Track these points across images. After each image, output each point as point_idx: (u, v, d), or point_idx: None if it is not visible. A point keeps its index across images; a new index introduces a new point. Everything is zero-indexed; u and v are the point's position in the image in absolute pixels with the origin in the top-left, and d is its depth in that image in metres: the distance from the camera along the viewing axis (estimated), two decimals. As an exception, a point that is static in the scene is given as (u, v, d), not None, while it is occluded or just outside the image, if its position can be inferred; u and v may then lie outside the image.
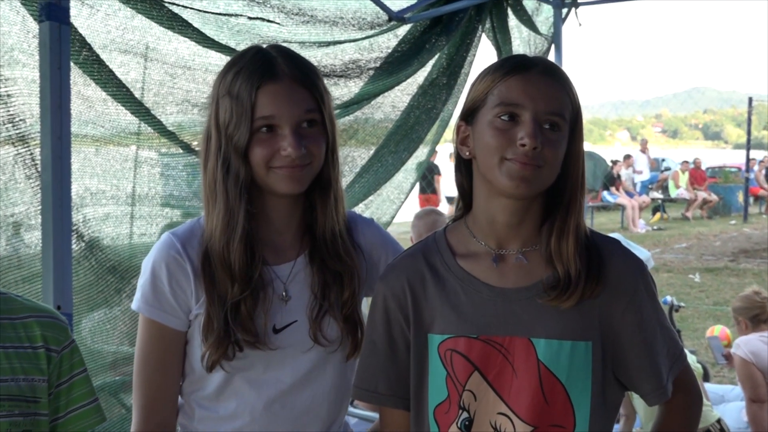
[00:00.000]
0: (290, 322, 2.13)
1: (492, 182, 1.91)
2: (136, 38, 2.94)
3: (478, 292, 1.96)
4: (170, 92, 3.14)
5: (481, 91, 1.93)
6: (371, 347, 2.06)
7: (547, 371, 1.90)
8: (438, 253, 2.04)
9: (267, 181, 2.06)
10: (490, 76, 1.92)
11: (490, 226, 1.98)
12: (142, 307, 2.12)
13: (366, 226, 2.30)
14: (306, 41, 3.61)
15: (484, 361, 1.92)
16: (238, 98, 2.02)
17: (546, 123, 1.87)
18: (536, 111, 1.86)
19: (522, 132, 1.85)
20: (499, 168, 1.88)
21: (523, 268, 1.96)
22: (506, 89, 1.89)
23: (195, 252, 2.11)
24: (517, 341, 1.92)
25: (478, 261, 1.99)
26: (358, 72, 3.92)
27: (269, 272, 2.13)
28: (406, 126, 4.46)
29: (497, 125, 1.88)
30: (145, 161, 3.22)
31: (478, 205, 2.01)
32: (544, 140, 1.86)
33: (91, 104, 2.88)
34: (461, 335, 1.94)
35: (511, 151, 1.86)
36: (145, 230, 3.25)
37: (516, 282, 1.96)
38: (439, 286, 2.00)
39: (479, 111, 1.93)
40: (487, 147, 1.90)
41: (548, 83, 1.90)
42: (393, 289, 2.04)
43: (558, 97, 1.90)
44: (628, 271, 1.94)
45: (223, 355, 2.06)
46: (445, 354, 1.96)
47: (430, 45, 4.30)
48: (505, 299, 1.94)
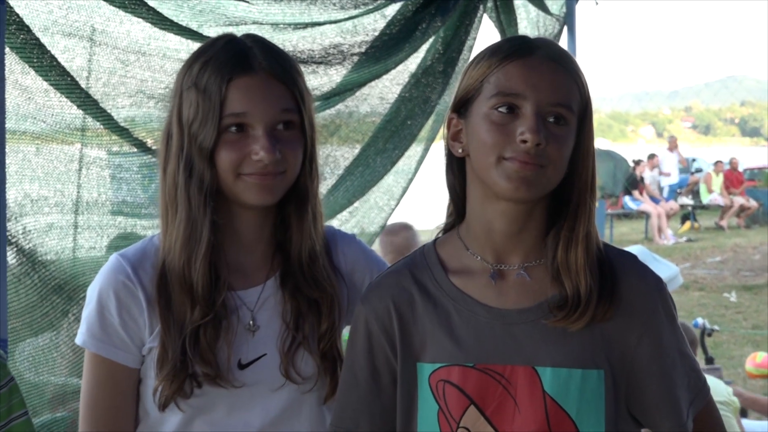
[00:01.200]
0: (258, 356, 2.12)
1: (488, 184, 1.90)
2: (82, 19, 2.93)
3: (474, 314, 1.96)
4: (122, 82, 3.14)
5: (475, 78, 1.91)
6: (351, 380, 2.05)
7: (554, 404, 1.89)
8: (427, 269, 2.03)
9: (234, 190, 2.05)
10: (485, 61, 1.91)
11: (487, 236, 1.97)
12: (88, 342, 2.11)
13: (346, 243, 2.29)
14: (280, 23, 3.60)
15: (482, 393, 1.92)
16: (205, 91, 2.01)
17: (550, 115, 1.87)
18: (539, 102, 1.85)
19: (522, 126, 1.84)
20: (496, 168, 1.87)
21: (526, 285, 1.96)
22: (504, 76, 1.87)
23: (148, 276, 2.10)
24: (519, 370, 1.91)
25: (474, 278, 1.98)
26: (341, 58, 3.92)
27: (233, 298, 2.12)
28: (397, 121, 4.46)
29: (494, 118, 1.87)
30: (93, 162, 3.21)
31: (472, 210, 2.00)
32: (548, 135, 1.85)
33: (31, 95, 2.87)
34: (455, 364, 1.94)
35: (510, 148, 1.85)
36: (95, 243, 3.24)
37: (517, 302, 1.95)
38: (430, 308, 1.99)
39: (473, 102, 1.92)
40: (482, 144, 1.88)
41: (553, 69, 1.89)
42: (376, 311, 2.02)
43: (564, 85, 1.89)
44: (644, 290, 1.94)
45: (178, 391, 2.04)
46: (436, 386, 1.95)
47: (423, 27, 4.30)
48: (505, 322, 1.94)
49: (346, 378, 2.07)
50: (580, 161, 1.95)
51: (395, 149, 4.48)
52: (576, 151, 1.93)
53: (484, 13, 4.81)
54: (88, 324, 2.11)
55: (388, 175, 4.55)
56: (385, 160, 4.46)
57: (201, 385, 2.06)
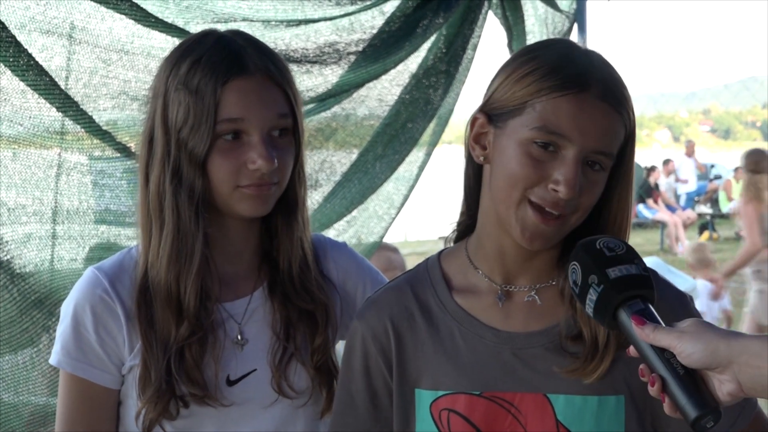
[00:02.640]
0: (248, 372, 2.11)
1: (502, 219, 1.87)
2: (61, 16, 2.92)
3: (481, 337, 1.94)
4: (103, 82, 3.13)
5: (519, 96, 1.84)
6: (348, 400, 2.03)
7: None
8: (430, 287, 2.01)
9: (228, 201, 2.04)
10: (536, 83, 1.84)
11: (498, 257, 1.94)
12: (63, 361, 2.10)
13: (337, 252, 2.28)
14: (271, 20, 3.59)
15: (490, 423, 1.90)
16: (197, 94, 1.99)
17: (590, 160, 1.82)
18: (584, 148, 1.81)
19: (559, 172, 1.80)
20: (516, 208, 1.83)
21: (535, 308, 1.94)
22: (553, 111, 1.81)
23: (126, 290, 2.09)
24: (529, 398, 1.90)
25: (479, 297, 1.97)
26: (336, 57, 3.91)
27: (219, 311, 2.11)
28: (397, 124, 4.45)
29: (531, 151, 1.82)
30: (73, 168, 3.19)
31: (483, 226, 1.97)
32: (584, 183, 1.81)
33: (7, 97, 2.85)
34: (460, 392, 1.92)
35: (538, 191, 1.81)
36: (76, 254, 3.22)
37: (526, 325, 1.94)
38: (432, 330, 1.97)
39: (511, 118, 1.85)
40: (509, 173, 1.84)
41: (606, 113, 1.83)
42: (373, 330, 2.01)
43: (613, 131, 1.84)
44: (667, 306, 1.91)
45: (163, 413, 2.03)
46: (440, 415, 1.93)
47: (424, 24, 4.29)
48: (513, 347, 1.92)
49: (342, 398, 2.05)
50: (615, 203, 1.92)
51: (395, 154, 4.47)
52: (611, 191, 1.90)
53: (489, 10, 4.81)
54: (63, 342, 2.09)
55: (387, 182, 4.54)
56: (384, 166, 4.44)
57: (188, 405, 2.05)
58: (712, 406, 1.56)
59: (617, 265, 1.69)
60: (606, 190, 1.90)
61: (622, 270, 1.68)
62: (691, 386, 1.57)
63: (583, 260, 1.71)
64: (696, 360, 1.55)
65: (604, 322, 1.69)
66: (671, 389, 1.58)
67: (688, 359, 1.56)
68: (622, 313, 1.67)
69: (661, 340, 1.59)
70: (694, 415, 1.55)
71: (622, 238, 1.89)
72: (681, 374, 1.58)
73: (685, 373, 1.58)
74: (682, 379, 1.58)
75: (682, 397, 1.57)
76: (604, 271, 1.68)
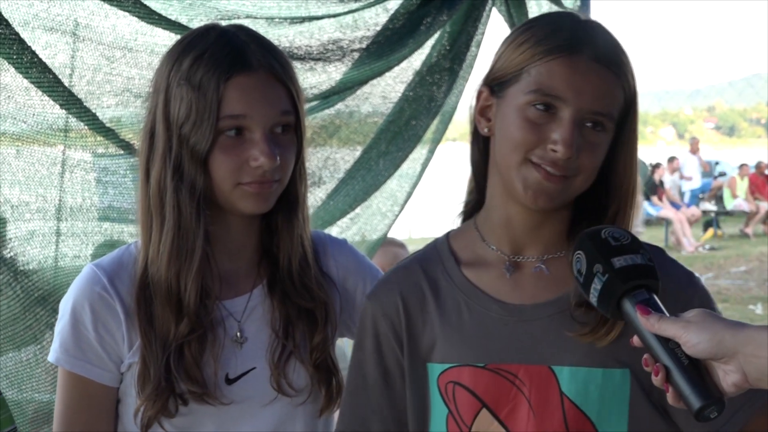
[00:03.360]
0: (247, 370, 2.11)
1: (506, 181, 1.89)
2: (65, 13, 2.92)
3: (487, 309, 1.95)
4: (107, 79, 3.12)
5: (516, 63, 1.88)
6: (360, 381, 2.04)
7: (572, 407, 1.88)
8: (439, 263, 2.03)
9: (230, 198, 2.04)
10: (530, 48, 1.87)
11: (506, 227, 1.96)
12: (62, 359, 2.10)
13: (337, 249, 2.28)
14: (275, 17, 3.59)
15: (494, 395, 1.91)
16: (200, 89, 1.98)
17: (588, 121, 1.85)
18: (579, 108, 1.83)
19: (557, 133, 1.83)
20: (518, 169, 1.86)
21: (543, 278, 1.95)
22: (547, 73, 1.85)
23: (126, 287, 2.09)
24: (533, 370, 1.90)
25: (488, 270, 1.97)
26: (340, 55, 3.91)
27: (219, 308, 2.11)
28: (400, 121, 4.44)
29: (529, 115, 1.85)
30: (77, 165, 3.19)
31: (492, 198, 1.99)
32: (581, 144, 1.83)
33: (11, 94, 2.86)
34: (465, 364, 1.93)
35: (538, 152, 1.84)
36: (79, 251, 3.22)
37: (534, 296, 1.94)
38: (440, 304, 1.99)
39: (510, 86, 1.89)
40: (510, 138, 1.87)
41: (601, 74, 1.85)
42: (384, 308, 2.02)
43: (609, 92, 1.86)
44: (676, 283, 1.91)
45: (162, 410, 2.03)
46: (446, 388, 1.94)
47: (428, 21, 4.29)
48: (519, 318, 1.93)
49: (353, 379, 2.06)
50: (620, 167, 1.94)
51: (399, 151, 4.46)
52: (615, 156, 1.92)
53: (493, 7, 4.81)
54: (62, 339, 2.09)
55: (391, 179, 4.53)
56: (388, 163, 4.44)
57: (187, 403, 2.05)
58: (716, 397, 1.56)
59: (622, 255, 1.69)
60: (611, 156, 1.92)
61: (627, 260, 1.69)
62: (695, 376, 1.57)
63: (588, 249, 1.72)
64: (701, 350, 1.55)
65: (608, 311, 1.69)
66: (675, 379, 1.58)
67: (693, 349, 1.56)
68: (627, 302, 1.67)
69: (666, 329, 1.59)
70: (698, 405, 1.56)
71: (629, 206, 1.93)
72: (685, 364, 1.58)
73: (690, 363, 1.58)
74: (687, 369, 1.58)
75: (686, 387, 1.57)
76: (610, 260, 1.69)
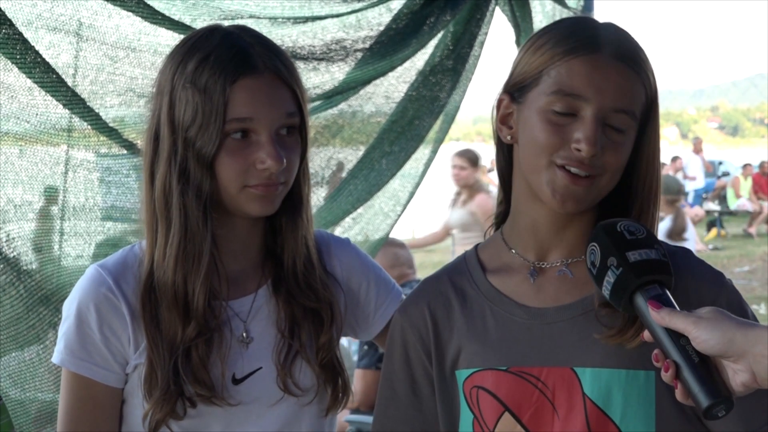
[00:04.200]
0: (253, 370, 2.11)
1: (533, 186, 1.89)
2: (68, 13, 2.92)
3: (510, 314, 1.95)
4: (110, 79, 3.13)
5: (535, 66, 1.88)
6: (389, 393, 2.05)
7: (595, 409, 1.86)
8: (466, 272, 2.04)
9: (236, 201, 2.03)
10: (548, 51, 1.87)
11: (531, 232, 1.96)
12: (66, 360, 2.09)
13: (341, 249, 2.28)
14: (278, 17, 3.59)
15: (516, 399, 1.90)
16: (205, 92, 1.98)
17: (611, 120, 1.84)
18: (601, 107, 1.83)
19: (580, 132, 1.82)
20: (545, 172, 1.85)
21: (567, 282, 1.95)
22: (567, 73, 1.85)
23: (131, 288, 2.08)
24: (556, 372, 1.89)
25: (512, 275, 1.98)
26: (343, 54, 3.91)
27: (225, 309, 2.11)
28: (403, 121, 4.44)
29: (550, 117, 1.85)
30: (80, 164, 3.20)
31: (517, 203, 1.99)
32: (605, 143, 1.83)
33: (14, 94, 2.86)
34: (487, 368, 1.93)
35: (562, 153, 1.84)
36: (82, 251, 3.22)
37: (557, 299, 1.94)
38: (466, 311, 1.99)
39: (530, 90, 1.89)
40: (533, 142, 1.87)
41: (621, 71, 1.85)
42: (411, 319, 2.04)
43: (631, 89, 1.86)
44: (704, 284, 1.91)
45: (170, 413, 2.03)
46: (470, 393, 1.94)
47: (431, 21, 4.29)
48: (543, 322, 1.93)
49: (384, 391, 2.07)
50: (643, 166, 1.93)
51: (402, 151, 4.46)
52: (638, 156, 1.91)
53: (496, 6, 4.81)
54: (67, 341, 2.08)
55: (394, 178, 4.53)
56: (390, 162, 4.44)
57: (195, 405, 2.04)
58: (725, 396, 1.56)
59: (637, 249, 1.69)
60: (633, 156, 1.92)
61: (642, 254, 1.69)
62: (704, 374, 1.57)
63: (603, 242, 1.72)
64: (711, 347, 1.55)
65: (620, 304, 1.69)
66: (684, 376, 1.58)
67: (704, 345, 1.56)
68: (639, 297, 1.67)
69: (676, 323, 1.59)
70: (706, 403, 1.55)
71: (653, 205, 1.92)
72: (696, 361, 1.58)
73: (700, 361, 1.58)
74: (696, 366, 1.58)
75: (695, 385, 1.56)
76: (624, 254, 1.69)
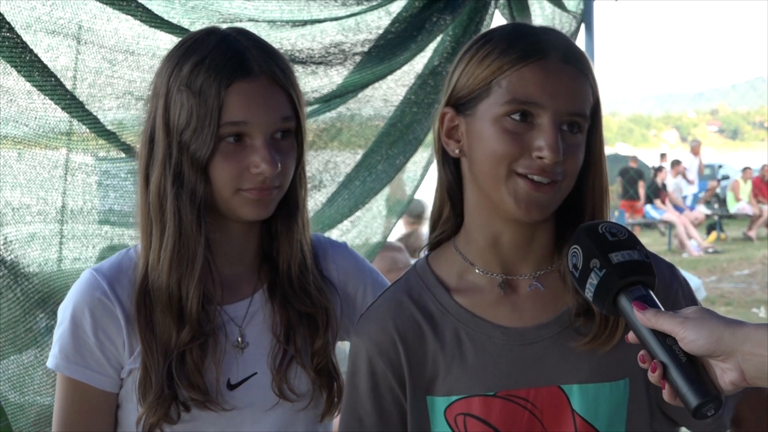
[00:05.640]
0: (248, 375, 2.11)
1: (493, 199, 1.86)
2: (67, 16, 2.92)
3: (489, 336, 1.93)
4: (109, 83, 3.13)
5: (482, 78, 1.86)
6: (356, 424, 1.99)
7: (584, 424, 1.88)
8: (427, 291, 1.99)
9: (230, 205, 2.03)
10: (496, 60, 1.85)
11: (493, 248, 1.94)
12: (61, 365, 2.09)
13: (337, 253, 2.28)
14: (277, 20, 3.60)
15: (507, 422, 1.89)
16: (200, 96, 1.98)
17: (565, 124, 1.84)
18: (557, 112, 1.82)
19: (540, 140, 1.81)
20: (505, 183, 1.83)
21: (541, 297, 1.94)
22: (519, 82, 1.83)
23: (126, 293, 2.08)
24: (544, 392, 1.90)
25: (482, 294, 1.95)
26: (342, 58, 3.91)
27: (220, 314, 2.11)
28: (402, 125, 4.44)
29: (507, 126, 1.83)
30: (78, 168, 3.20)
31: (473, 220, 1.96)
32: (565, 148, 1.82)
33: (13, 97, 2.86)
34: (475, 395, 1.91)
35: (523, 162, 1.82)
36: (80, 254, 3.22)
37: (534, 318, 1.93)
38: (437, 335, 1.95)
39: (479, 102, 1.87)
40: (491, 153, 1.85)
41: (570, 74, 1.85)
42: (379, 346, 1.97)
43: (582, 91, 1.86)
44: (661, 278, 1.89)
45: (164, 417, 2.03)
46: (455, 420, 1.92)
47: (430, 24, 4.29)
48: (523, 342, 1.91)
49: (349, 422, 2.01)
50: (593, 167, 1.93)
51: (400, 155, 4.46)
52: (587, 158, 1.91)
53: (495, 10, 4.81)
54: (61, 345, 2.08)
55: (392, 182, 4.54)
56: (389, 166, 4.44)
57: (189, 409, 2.04)
58: (714, 395, 1.56)
59: (620, 250, 1.69)
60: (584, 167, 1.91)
61: (625, 255, 1.68)
62: (692, 374, 1.57)
63: (585, 244, 1.71)
64: (699, 347, 1.55)
65: (604, 307, 1.69)
66: (672, 376, 1.58)
67: (691, 345, 1.55)
68: (623, 298, 1.66)
69: (663, 324, 1.59)
70: (695, 403, 1.55)
71: (605, 204, 1.93)
72: (683, 361, 1.57)
73: (687, 360, 1.57)
74: (684, 366, 1.57)
75: (684, 385, 1.56)
76: (607, 255, 1.68)
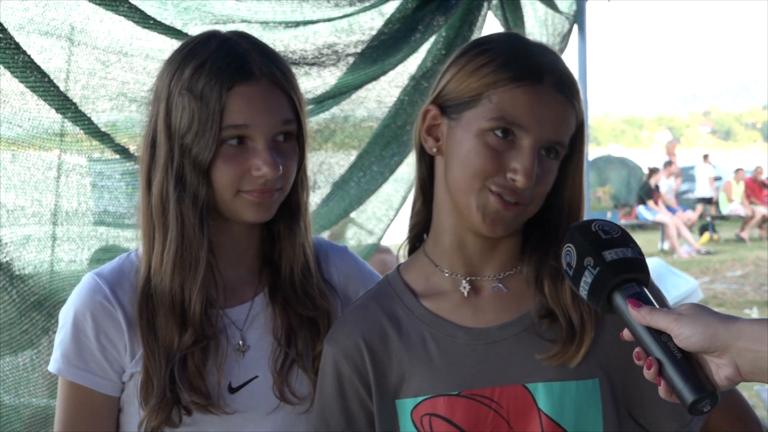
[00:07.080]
0: (250, 379, 2.11)
1: (460, 208, 1.88)
2: (60, 17, 2.92)
3: (452, 337, 1.94)
4: (102, 84, 3.13)
5: (474, 88, 1.88)
6: (324, 428, 2.02)
7: (550, 423, 1.88)
8: (396, 297, 2.01)
9: (231, 207, 2.03)
10: (491, 74, 1.87)
11: (459, 249, 1.96)
12: (63, 369, 2.08)
13: (338, 256, 2.28)
14: (270, 21, 3.60)
15: (472, 422, 1.90)
16: (202, 99, 1.97)
17: (544, 149, 1.86)
18: (539, 138, 1.85)
19: (517, 162, 1.83)
20: (477, 196, 1.85)
21: (503, 299, 1.95)
22: (511, 101, 1.85)
23: (127, 296, 2.08)
24: (509, 391, 1.90)
25: (447, 297, 1.97)
26: (335, 59, 3.91)
27: (221, 317, 2.10)
28: (395, 126, 4.44)
29: (489, 141, 1.85)
30: (72, 169, 3.20)
31: (441, 221, 1.98)
32: (539, 173, 1.85)
33: (6, 99, 2.86)
34: (439, 394, 1.92)
35: (497, 180, 1.84)
36: (75, 256, 3.22)
37: (497, 318, 1.94)
38: (404, 338, 1.97)
39: (467, 110, 1.89)
40: (468, 165, 1.87)
41: (560, 103, 1.87)
42: (345, 350, 2.00)
43: (566, 120, 1.89)
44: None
45: (165, 421, 2.02)
46: (421, 421, 1.92)
47: (423, 26, 4.29)
48: (486, 341, 1.92)
49: (317, 426, 2.04)
50: (568, 189, 1.96)
51: (394, 156, 4.46)
52: (565, 179, 1.94)
53: (488, 11, 4.81)
54: (63, 349, 2.08)
55: (386, 183, 4.54)
56: (383, 167, 4.44)
57: (191, 413, 2.04)
58: (710, 391, 1.55)
59: (614, 248, 1.69)
60: (558, 179, 1.93)
61: (618, 253, 1.68)
62: (688, 370, 1.57)
63: (579, 242, 1.71)
64: (694, 343, 1.55)
65: (599, 305, 1.69)
66: (668, 373, 1.57)
67: (686, 342, 1.55)
68: (618, 296, 1.66)
69: (658, 321, 1.59)
70: (691, 399, 1.55)
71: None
72: (678, 357, 1.57)
73: (683, 357, 1.57)
74: (679, 362, 1.57)
75: (679, 381, 1.56)
76: (601, 253, 1.68)
